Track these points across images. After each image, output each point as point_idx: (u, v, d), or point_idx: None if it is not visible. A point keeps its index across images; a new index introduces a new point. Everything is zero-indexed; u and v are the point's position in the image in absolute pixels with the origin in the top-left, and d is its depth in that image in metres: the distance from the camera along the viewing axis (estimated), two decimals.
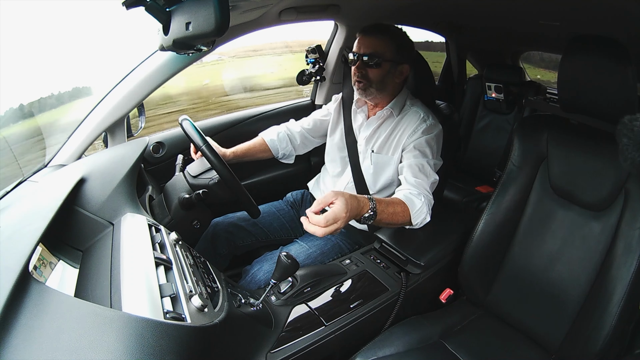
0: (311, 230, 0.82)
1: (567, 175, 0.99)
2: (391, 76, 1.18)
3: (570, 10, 1.25)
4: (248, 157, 1.34)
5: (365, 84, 1.17)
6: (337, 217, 0.82)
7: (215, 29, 0.63)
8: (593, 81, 0.89)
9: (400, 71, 1.19)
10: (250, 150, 1.35)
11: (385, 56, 1.15)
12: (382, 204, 0.95)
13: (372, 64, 1.15)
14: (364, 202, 0.90)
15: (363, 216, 0.91)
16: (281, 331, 0.90)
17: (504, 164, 1.11)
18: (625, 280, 0.84)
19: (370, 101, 1.25)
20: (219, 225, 1.33)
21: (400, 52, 1.17)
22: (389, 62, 1.16)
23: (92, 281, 0.68)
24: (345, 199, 0.84)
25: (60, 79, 1.56)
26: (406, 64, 1.20)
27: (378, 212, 0.92)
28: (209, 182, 1.06)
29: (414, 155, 1.14)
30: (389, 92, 1.22)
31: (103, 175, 0.93)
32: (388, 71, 1.17)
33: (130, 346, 0.50)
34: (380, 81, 1.17)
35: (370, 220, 0.92)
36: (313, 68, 1.76)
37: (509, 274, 1.07)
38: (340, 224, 0.83)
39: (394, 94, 1.24)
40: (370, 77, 1.16)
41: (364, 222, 0.92)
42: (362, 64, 1.16)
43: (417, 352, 0.94)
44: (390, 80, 1.19)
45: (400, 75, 1.20)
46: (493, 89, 2.21)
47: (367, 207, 0.91)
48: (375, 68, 1.15)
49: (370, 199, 0.92)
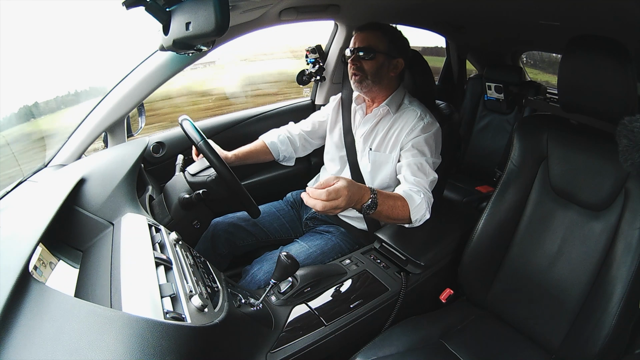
0: (311, 204, 0.83)
1: (567, 175, 0.99)
2: (386, 69, 1.21)
3: (571, 10, 1.25)
4: (250, 159, 1.35)
5: (361, 76, 1.20)
6: (339, 193, 0.83)
7: (215, 29, 0.63)
8: (593, 81, 0.89)
9: (394, 65, 1.22)
10: (252, 152, 1.36)
11: (378, 48, 1.18)
12: (382, 196, 0.96)
13: (366, 57, 1.19)
14: (365, 190, 0.93)
15: (364, 205, 0.92)
16: (281, 331, 0.90)
17: (504, 164, 1.11)
18: (625, 280, 0.85)
19: (366, 95, 1.27)
20: (219, 225, 1.33)
21: (393, 45, 1.20)
22: (383, 54, 1.19)
23: (92, 281, 0.68)
24: (346, 179, 0.87)
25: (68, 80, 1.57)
26: (400, 58, 1.22)
27: (378, 203, 0.94)
28: (207, 179, 1.06)
29: (412, 154, 1.14)
30: (384, 85, 1.23)
31: (103, 175, 0.93)
32: (382, 64, 1.20)
33: (130, 346, 0.50)
34: (374, 73, 1.20)
35: (370, 210, 0.93)
36: (313, 68, 1.76)
37: (509, 274, 1.07)
38: (341, 201, 0.84)
39: (389, 89, 1.25)
40: (365, 69, 1.20)
41: (365, 212, 0.94)
42: (357, 57, 1.20)
43: (417, 352, 0.94)
44: (385, 73, 1.21)
45: (395, 69, 1.23)
46: (493, 89, 2.21)
47: (367, 195, 0.93)
48: (370, 60, 1.19)
49: (371, 189, 0.94)
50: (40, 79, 1.44)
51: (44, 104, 1.46)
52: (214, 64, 2.92)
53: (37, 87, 1.41)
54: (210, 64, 2.89)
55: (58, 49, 1.52)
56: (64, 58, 1.55)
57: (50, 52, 1.47)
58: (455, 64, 2.52)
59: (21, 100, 1.31)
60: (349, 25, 1.67)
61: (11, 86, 1.24)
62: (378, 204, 0.94)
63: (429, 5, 1.70)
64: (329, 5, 1.48)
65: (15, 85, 1.26)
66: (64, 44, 1.56)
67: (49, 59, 1.47)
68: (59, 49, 1.52)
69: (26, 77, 1.34)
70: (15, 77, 1.26)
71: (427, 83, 1.40)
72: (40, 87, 1.43)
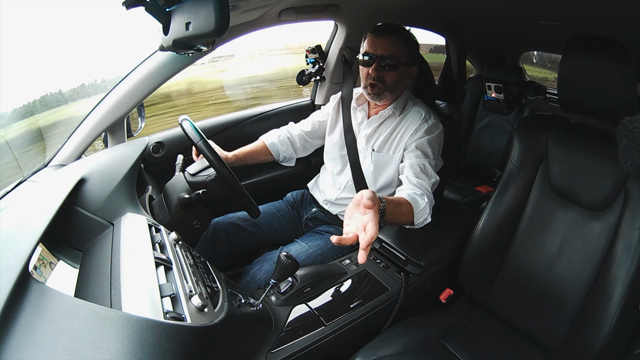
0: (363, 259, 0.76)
1: (567, 175, 0.99)
2: (403, 79, 1.19)
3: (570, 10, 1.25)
4: (250, 160, 1.35)
5: (380, 89, 1.16)
6: (373, 237, 0.76)
7: (215, 29, 0.63)
8: (593, 81, 0.89)
9: (410, 73, 1.20)
10: (252, 153, 1.35)
11: (402, 59, 1.14)
12: (391, 205, 0.92)
13: (388, 67, 1.14)
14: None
15: None
16: (281, 331, 0.90)
17: (504, 164, 1.11)
18: (625, 281, 0.85)
19: (379, 103, 1.25)
20: (219, 225, 1.33)
21: (412, 53, 1.17)
22: (404, 65, 1.16)
23: (92, 281, 0.68)
24: (370, 196, 0.78)
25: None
26: (415, 66, 1.21)
27: (387, 212, 0.90)
28: (207, 178, 1.06)
29: (415, 155, 1.14)
30: (398, 94, 1.22)
31: (103, 175, 0.93)
32: (402, 74, 1.17)
33: (130, 346, 0.50)
34: (394, 84, 1.17)
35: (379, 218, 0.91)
36: (313, 68, 1.76)
37: (509, 274, 1.07)
38: (375, 209, 0.77)
39: (398, 93, 1.24)
40: (386, 81, 1.15)
41: None
42: (378, 66, 1.14)
43: (417, 352, 0.94)
44: (402, 84, 1.20)
45: (409, 77, 1.21)
46: (493, 89, 2.21)
47: (377, 204, 0.88)
48: (392, 71, 1.15)
49: (380, 199, 0.89)
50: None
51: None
52: (234, 57, 2.97)
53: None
54: (230, 57, 2.95)
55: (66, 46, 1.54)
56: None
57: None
58: (455, 64, 2.52)
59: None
60: (349, 25, 1.67)
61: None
62: (386, 213, 0.90)
63: (429, 5, 1.70)
64: (328, 5, 1.48)
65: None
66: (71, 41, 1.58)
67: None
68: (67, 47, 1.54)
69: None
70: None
71: (427, 83, 1.40)
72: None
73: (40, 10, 1.43)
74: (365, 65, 1.16)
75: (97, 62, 1.76)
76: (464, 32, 2.13)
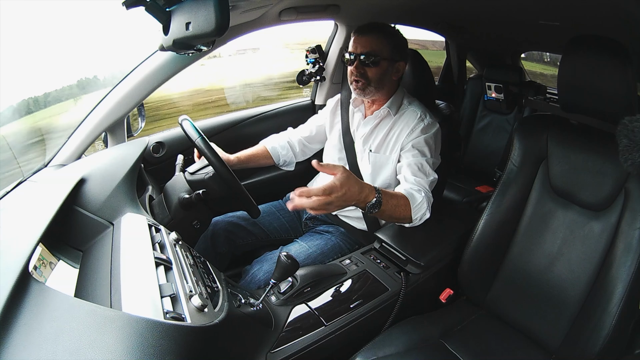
0: (297, 203, 0.80)
1: (567, 175, 0.99)
2: (389, 74, 1.20)
3: (570, 10, 1.25)
4: (251, 163, 1.37)
5: (363, 83, 1.18)
6: (333, 189, 0.80)
7: (215, 29, 0.63)
8: (593, 81, 0.89)
9: (396, 68, 1.21)
10: (254, 156, 1.37)
11: (382, 54, 1.16)
12: (386, 195, 0.96)
13: (370, 63, 1.16)
14: (369, 190, 0.91)
15: (368, 204, 0.91)
16: (281, 331, 0.90)
17: (504, 164, 1.11)
18: (625, 281, 0.84)
19: (367, 100, 1.26)
20: (219, 225, 1.33)
21: (396, 49, 1.19)
22: (387, 60, 1.17)
23: (92, 281, 0.68)
24: (349, 175, 0.84)
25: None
26: (402, 61, 1.22)
27: (383, 202, 0.93)
28: (205, 176, 1.06)
29: (412, 154, 1.14)
30: (386, 90, 1.23)
31: (103, 175, 0.93)
32: (386, 69, 1.18)
33: (130, 346, 0.50)
34: (378, 80, 1.18)
35: (374, 209, 0.93)
36: (313, 68, 1.76)
37: (509, 274, 1.07)
38: (333, 198, 0.81)
39: (391, 92, 1.24)
40: (369, 76, 1.17)
41: (368, 212, 0.93)
42: (359, 63, 1.17)
43: (417, 352, 0.94)
44: (388, 78, 1.20)
45: (397, 73, 1.22)
46: (493, 89, 2.21)
47: (372, 195, 0.92)
48: (374, 67, 1.17)
49: (376, 189, 0.93)
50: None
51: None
52: (259, 50, 3.04)
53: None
54: (256, 50, 3.02)
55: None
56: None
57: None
58: (455, 64, 2.52)
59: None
60: (349, 25, 1.67)
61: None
62: (382, 203, 0.93)
63: (429, 5, 1.70)
64: (328, 5, 1.48)
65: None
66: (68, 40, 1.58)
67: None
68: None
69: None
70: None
71: (427, 83, 1.40)
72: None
73: (40, 10, 1.44)
74: (349, 64, 1.19)
75: (97, 62, 1.76)
76: (464, 32, 2.13)
